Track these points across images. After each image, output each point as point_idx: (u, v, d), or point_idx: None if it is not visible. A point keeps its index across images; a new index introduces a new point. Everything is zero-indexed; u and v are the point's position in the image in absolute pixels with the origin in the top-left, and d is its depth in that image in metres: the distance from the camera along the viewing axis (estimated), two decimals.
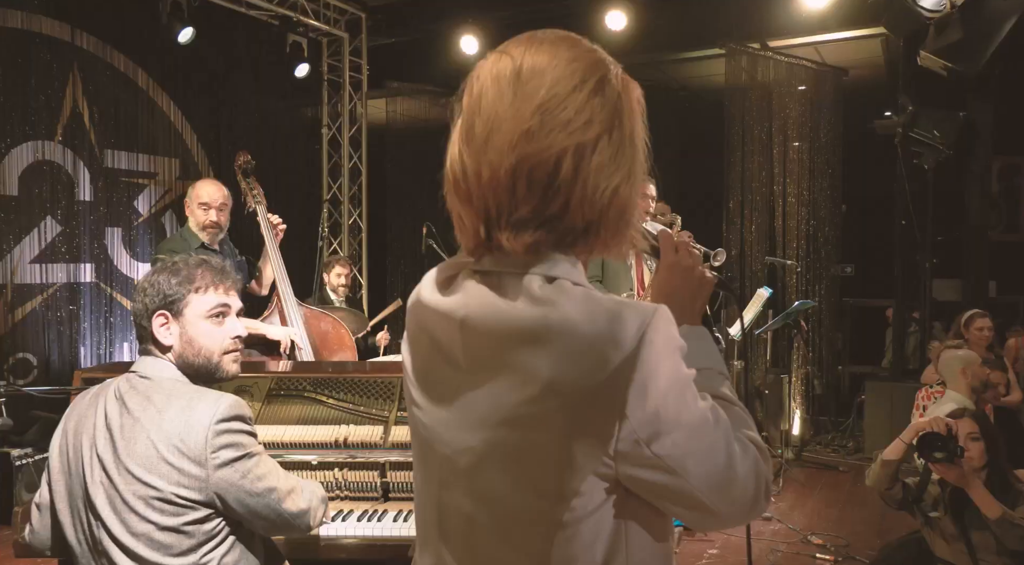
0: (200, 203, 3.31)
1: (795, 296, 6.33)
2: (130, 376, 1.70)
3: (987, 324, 4.80)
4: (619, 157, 0.90)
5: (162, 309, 1.69)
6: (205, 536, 1.60)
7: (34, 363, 5.20)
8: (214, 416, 1.60)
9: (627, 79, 0.95)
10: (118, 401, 1.65)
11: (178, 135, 6.18)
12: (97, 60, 5.59)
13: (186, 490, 1.57)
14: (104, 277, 5.64)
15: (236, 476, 1.60)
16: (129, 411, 1.62)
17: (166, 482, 1.57)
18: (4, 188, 5.04)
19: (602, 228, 0.91)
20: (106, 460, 1.60)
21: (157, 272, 1.73)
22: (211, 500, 1.60)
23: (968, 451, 2.66)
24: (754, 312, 5.22)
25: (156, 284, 1.70)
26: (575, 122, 0.87)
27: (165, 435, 1.58)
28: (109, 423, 1.63)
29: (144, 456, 1.58)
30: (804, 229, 6.60)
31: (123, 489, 1.57)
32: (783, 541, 4.12)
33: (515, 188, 0.87)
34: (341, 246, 7.46)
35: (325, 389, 2.46)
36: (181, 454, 1.57)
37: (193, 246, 3.29)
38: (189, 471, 1.57)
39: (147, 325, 1.70)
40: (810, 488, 5.10)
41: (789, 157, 6.60)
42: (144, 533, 1.57)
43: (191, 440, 1.58)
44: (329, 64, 7.38)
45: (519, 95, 0.88)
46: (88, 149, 5.52)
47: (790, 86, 6.58)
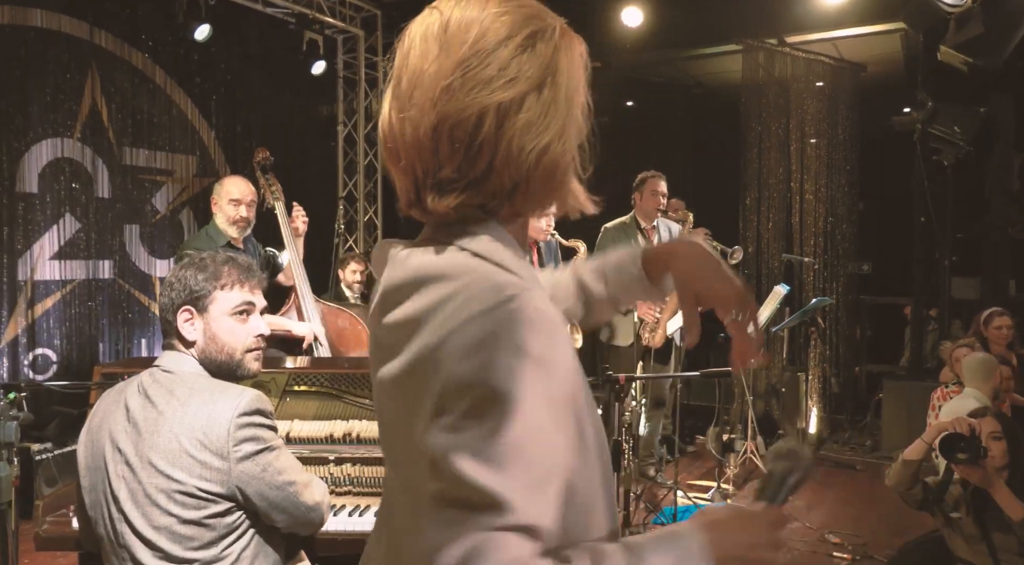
0: (231, 199, 3.33)
1: (812, 293, 6.29)
2: (153, 370, 1.72)
3: (1006, 322, 4.74)
4: (549, 115, 0.85)
5: (187, 304, 1.71)
6: (226, 529, 1.61)
7: (53, 359, 5.25)
8: (236, 410, 1.61)
9: (568, 34, 0.90)
10: (141, 395, 1.67)
11: (195, 132, 6.22)
12: (115, 58, 5.63)
13: (208, 483, 1.58)
14: (122, 274, 5.69)
15: (257, 469, 1.61)
16: (152, 404, 1.64)
17: (188, 475, 1.58)
18: (24, 185, 5.09)
19: (530, 188, 0.86)
20: (128, 453, 1.61)
21: (184, 267, 1.74)
22: (232, 493, 1.61)
23: (990, 450, 2.63)
24: (771, 309, 5.19)
25: (183, 279, 1.72)
26: (498, 79, 0.82)
27: (188, 428, 1.59)
28: (132, 417, 1.64)
29: (167, 449, 1.59)
30: (821, 226, 6.55)
31: (145, 482, 1.59)
32: (800, 539, 4.09)
33: (438, 148, 0.84)
34: (357, 243, 7.48)
35: (342, 385, 2.47)
36: (203, 447, 1.58)
37: (219, 243, 3.31)
38: (211, 464, 1.58)
39: (172, 319, 1.72)
40: (827, 487, 5.06)
41: (806, 154, 6.55)
42: (166, 526, 1.58)
43: (213, 433, 1.59)
44: (344, 61, 7.40)
45: (443, 50, 0.84)
46: (107, 146, 5.56)
47: (807, 82, 6.52)
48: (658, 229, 4.83)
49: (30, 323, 5.12)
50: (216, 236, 3.36)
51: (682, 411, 4.88)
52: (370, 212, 7.61)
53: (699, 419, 6.07)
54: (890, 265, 7.36)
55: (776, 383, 6.03)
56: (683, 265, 1.02)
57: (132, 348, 5.75)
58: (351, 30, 7.24)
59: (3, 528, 1.85)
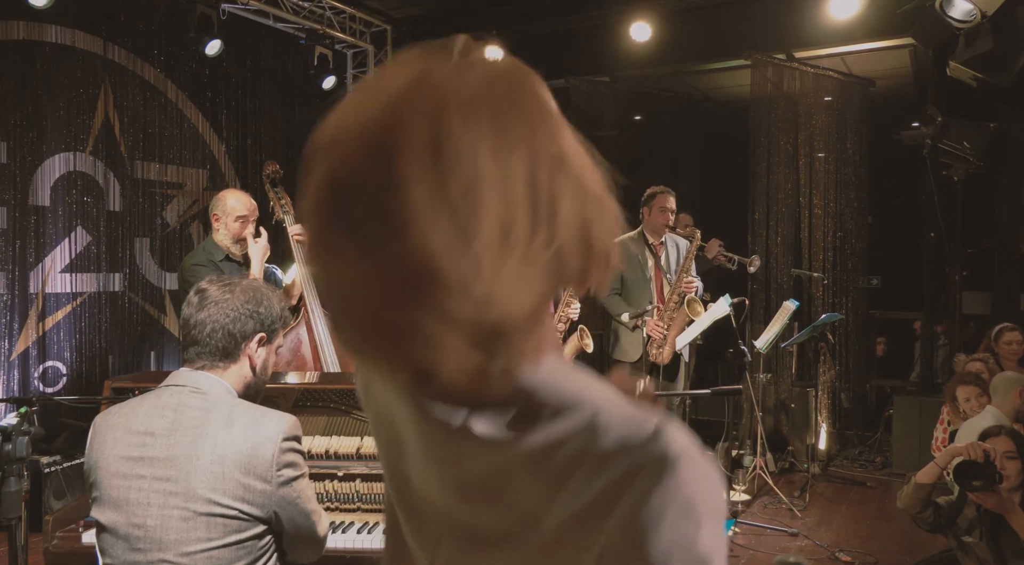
0: (238, 216, 3.32)
1: (821, 309, 6.26)
2: (179, 390, 1.66)
3: (1016, 337, 4.72)
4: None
5: (263, 331, 1.73)
6: (259, 552, 1.62)
7: (63, 372, 5.28)
8: (281, 433, 1.61)
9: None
10: (172, 414, 1.62)
11: (206, 146, 6.27)
12: (128, 73, 5.70)
13: (250, 506, 1.57)
14: (132, 287, 5.72)
15: (294, 495, 1.62)
16: (187, 427, 1.60)
17: (232, 498, 1.56)
18: (36, 198, 5.14)
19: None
20: (159, 477, 1.57)
21: (263, 296, 1.74)
22: (269, 517, 1.60)
23: (1004, 470, 2.60)
24: (780, 325, 5.17)
25: (268, 305, 1.74)
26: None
27: (232, 451, 1.57)
28: (159, 440, 1.60)
29: (209, 472, 1.56)
30: (830, 241, 6.53)
31: (183, 506, 1.55)
32: (810, 557, 4.05)
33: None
34: None
35: (349, 400, 2.47)
36: (248, 471, 1.57)
37: (217, 258, 3.30)
38: (254, 487, 1.57)
39: (240, 342, 1.69)
40: (837, 503, 5.02)
41: (815, 168, 6.54)
42: (202, 550, 1.55)
43: (259, 457, 1.58)
44: (354, 76, 7.45)
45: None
46: (118, 160, 5.61)
47: (816, 97, 6.53)
48: (666, 245, 4.83)
49: (41, 336, 5.15)
50: (214, 251, 3.33)
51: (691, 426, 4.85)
52: None
53: (708, 434, 6.03)
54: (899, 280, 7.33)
55: (785, 398, 6.00)
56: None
57: (142, 361, 5.77)
58: (361, 45, 7.30)
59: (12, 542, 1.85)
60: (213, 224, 3.38)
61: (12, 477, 1.76)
